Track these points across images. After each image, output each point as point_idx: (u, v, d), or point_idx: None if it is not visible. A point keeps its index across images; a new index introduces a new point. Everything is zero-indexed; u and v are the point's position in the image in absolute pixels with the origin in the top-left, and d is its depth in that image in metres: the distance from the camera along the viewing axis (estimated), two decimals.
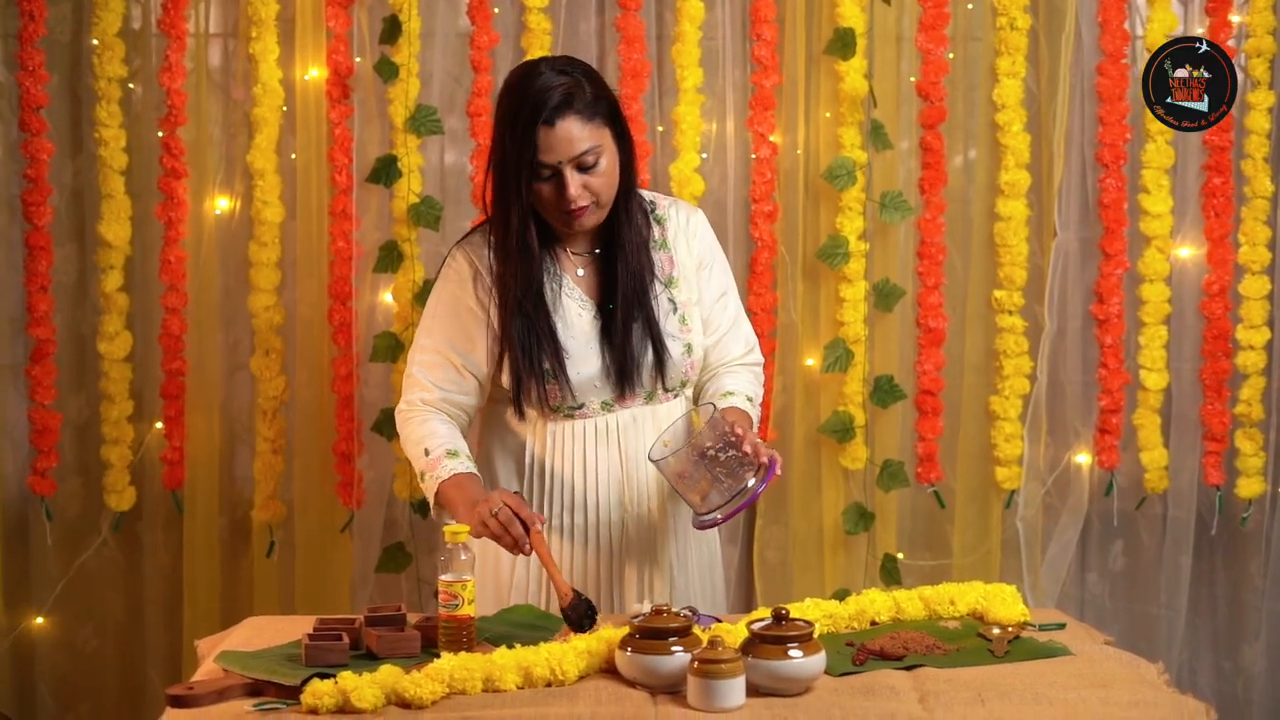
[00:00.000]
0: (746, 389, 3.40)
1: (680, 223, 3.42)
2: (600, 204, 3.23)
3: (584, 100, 3.18)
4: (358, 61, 4.35)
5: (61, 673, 4.57)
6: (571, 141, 3.16)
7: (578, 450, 3.33)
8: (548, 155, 3.15)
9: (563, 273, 3.33)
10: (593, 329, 3.30)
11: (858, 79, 4.34)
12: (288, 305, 4.43)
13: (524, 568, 3.36)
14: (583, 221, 3.23)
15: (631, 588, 3.35)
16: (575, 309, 3.31)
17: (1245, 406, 4.52)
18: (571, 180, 3.17)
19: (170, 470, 4.43)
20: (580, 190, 3.18)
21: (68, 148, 4.44)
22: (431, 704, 2.58)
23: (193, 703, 2.60)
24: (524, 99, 3.17)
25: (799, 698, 2.62)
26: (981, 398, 4.53)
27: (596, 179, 3.20)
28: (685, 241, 3.41)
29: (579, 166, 3.17)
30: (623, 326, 3.28)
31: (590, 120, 3.18)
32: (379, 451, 4.43)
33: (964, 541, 4.53)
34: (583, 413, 3.32)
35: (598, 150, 3.18)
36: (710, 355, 3.42)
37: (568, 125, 3.16)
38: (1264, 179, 4.47)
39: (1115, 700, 2.62)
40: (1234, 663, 4.69)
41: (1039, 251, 4.50)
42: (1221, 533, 4.63)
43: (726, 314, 3.44)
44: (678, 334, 3.33)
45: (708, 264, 3.43)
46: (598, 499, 3.34)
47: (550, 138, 3.15)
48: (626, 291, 3.30)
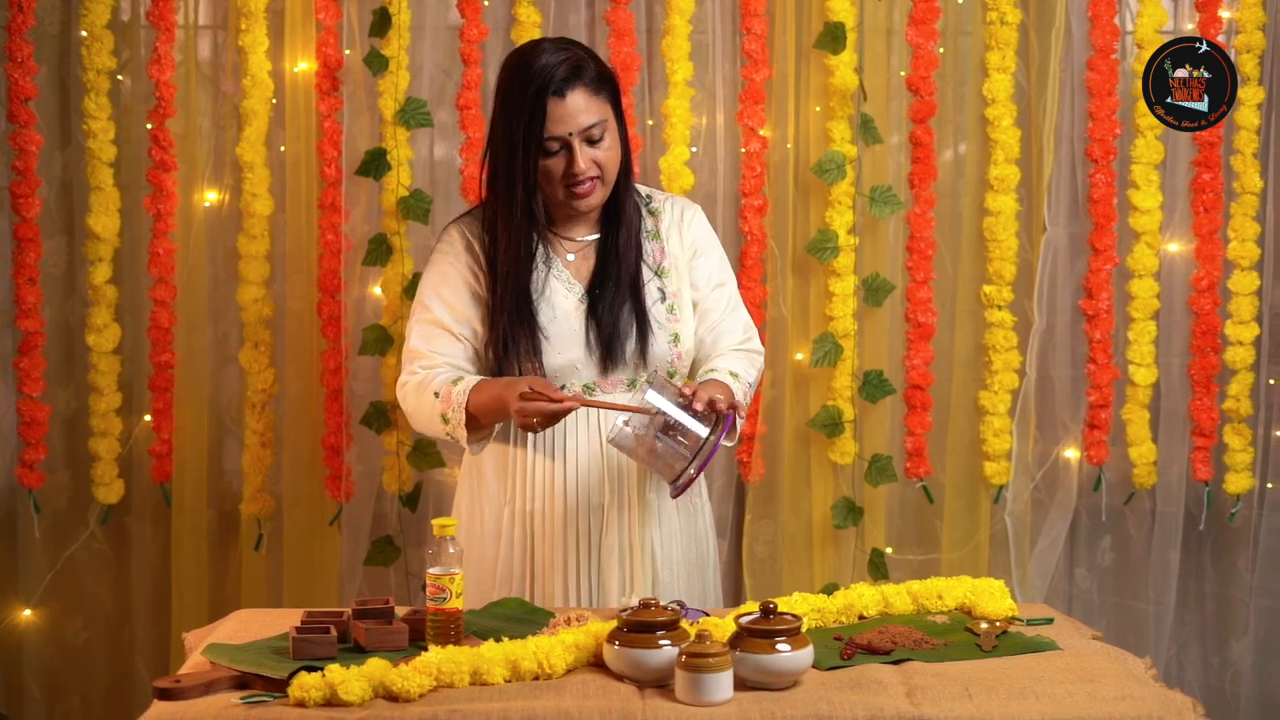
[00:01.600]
0: (732, 365, 3.38)
1: (674, 215, 3.45)
2: (605, 181, 3.27)
3: (590, 74, 3.23)
4: (347, 54, 4.35)
5: (49, 665, 4.56)
6: (581, 113, 3.20)
7: (559, 433, 3.34)
8: (558, 127, 3.19)
9: (554, 256, 3.35)
10: (577, 311, 3.31)
11: (848, 73, 4.34)
12: (277, 298, 4.43)
13: (506, 562, 3.38)
14: (588, 200, 3.27)
15: (612, 579, 3.35)
16: (562, 291, 3.33)
17: (1234, 402, 4.52)
18: (581, 152, 3.20)
19: (159, 463, 4.43)
20: (589, 163, 3.21)
21: (56, 140, 4.43)
22: (419, 697, 2.58)
23: (180, 695, 2.60)
24: (530, 74, 3.20)
25: (786, 691, 2.62)
26: (970, 393, 4.53)
27: (602, 153, 3.24)
28: (679, 233, 3.43)
29: (587, 140, 3.21)
30: (611, 303, 3.30)
31: (597, 94, 3.24)
32: (368, 445, 4.43)
33: (952, 536, 4.53)
34: None
35: (603, 125, 3.23)
36: (705, 342, 3.42)
37: (577, 97, 3.20)
38: (1253, 175, 4.48)
39: (1103, 695, 2.62)
40: (1222, 658, 4.69)
41: (1028, 246, 4.50)
42: (1210, 528, 4.64)
43: (722, 301, 3.45)
44: (664, 322, 3.34)
45: (702, 252, 3.45)
46: (577, 484, 3.34)
47: (560, 109, 3.18)
48: (618, 270, 3.32)
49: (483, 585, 3.38)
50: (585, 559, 3.35)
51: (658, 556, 3.39)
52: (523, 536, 3.38)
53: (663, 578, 3.39)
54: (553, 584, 3.35)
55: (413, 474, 4.41)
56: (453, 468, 4.43)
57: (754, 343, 3.50)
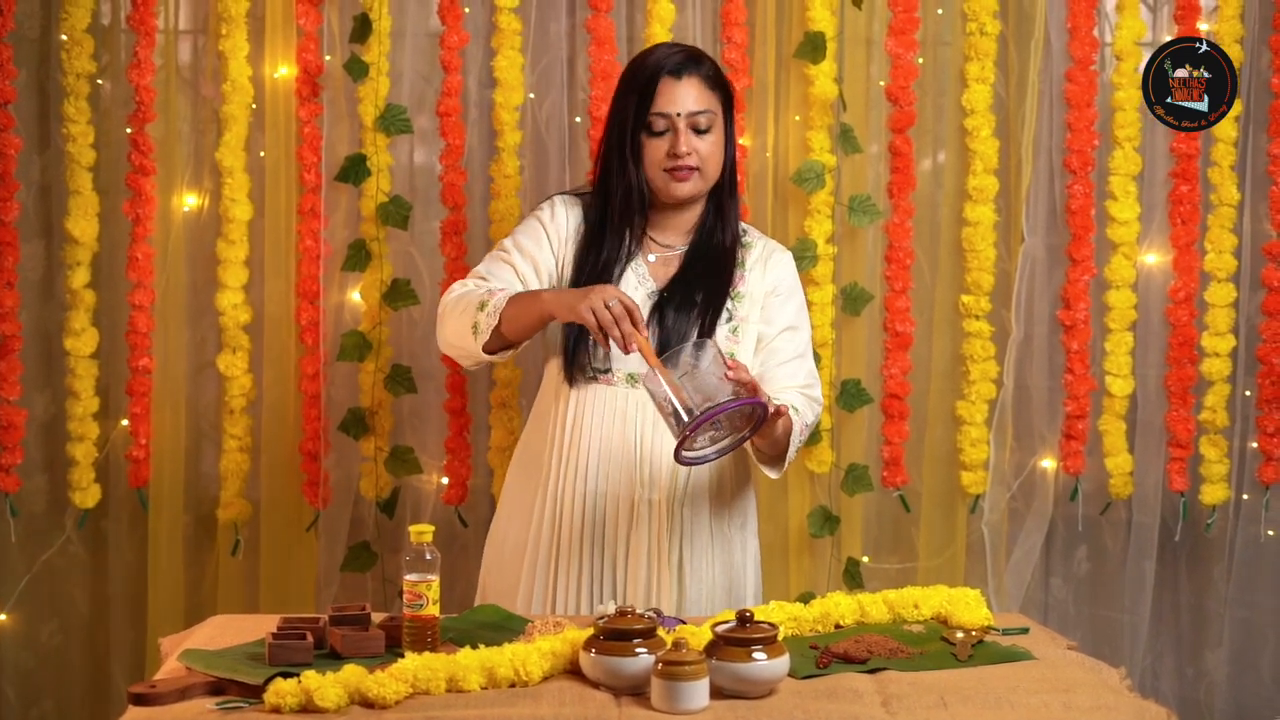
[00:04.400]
0: (795, 401, 3.37)
1: (763, 252, 3.51)
2: (704, 175, 3.36)
3: (708, 69, 3.37)
4: (327, 60, 4.35)
5: (24, 669, 4.55)
6: (692, 97, 3.33)
7: (595, 418, 3.37)
8: (667, 104, 3.30)
9: (638, 252, 3.41)
10: (644, 306, 3.33)
11: (827, 83, 4.35)
12: (255, 303, 4.42)
13: (533, 548, 3.43)
14: (685, 186, 3.34)
15: (638, 584, 3.37)
16: (633, 282, 3.38)
17: (1210, 413, 4.54)
18: (684, 134, 3.30)
19: (136, 468, 4.42)
20: (691, 148, 3.30)
21: (35, 143, 4.42)
22: (395, 704, 2.57)
23: (155, 701, 2.59)
24: (649, 60, 3.36)
25: (762, 700, 2.63)
26: (948, 402, 4.54)
27: (705, 145, 3.34)
28: (762, 268, 3.48)
29: (693, 127, 3.31)
30: (679, 306, 3.35)
31: (711, 89, 3.36)
32: (345, 451, 4.42)
33: (929, 545, 4.54)
34: (607, 378, 3.36)
35: (711, 116, 3.34)
36: (767, 378, 3.39)
37: (691, 81, 3.34)
38: (1230, 187, 4.49)
39: (1077, 705, 2.63)
40: (1196, 668, 4.71)
41: (1006, 257, 4.51)
42: (1185, 539, 4.65)
43: (792, 345, 3.47)
44: (723, 341, 3.35)
45: (783, 295, 3.49)
46: (609, 473, 3.37)
47: (673, 88, 3.31)
48: (700, 278, 3.38)
49: (505, 576, 3.46)
50: (610, 560, 3.37)
51: (686, 571, 3.40)
52: (551, 525, 3.42)
53: (690, 594, 3.40)
54: (571, 578, 3.38)
55: (390, 480, 4.41)
56: (430, 474, 4.43)
57: (815, 391, 3.47)
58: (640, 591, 3.37)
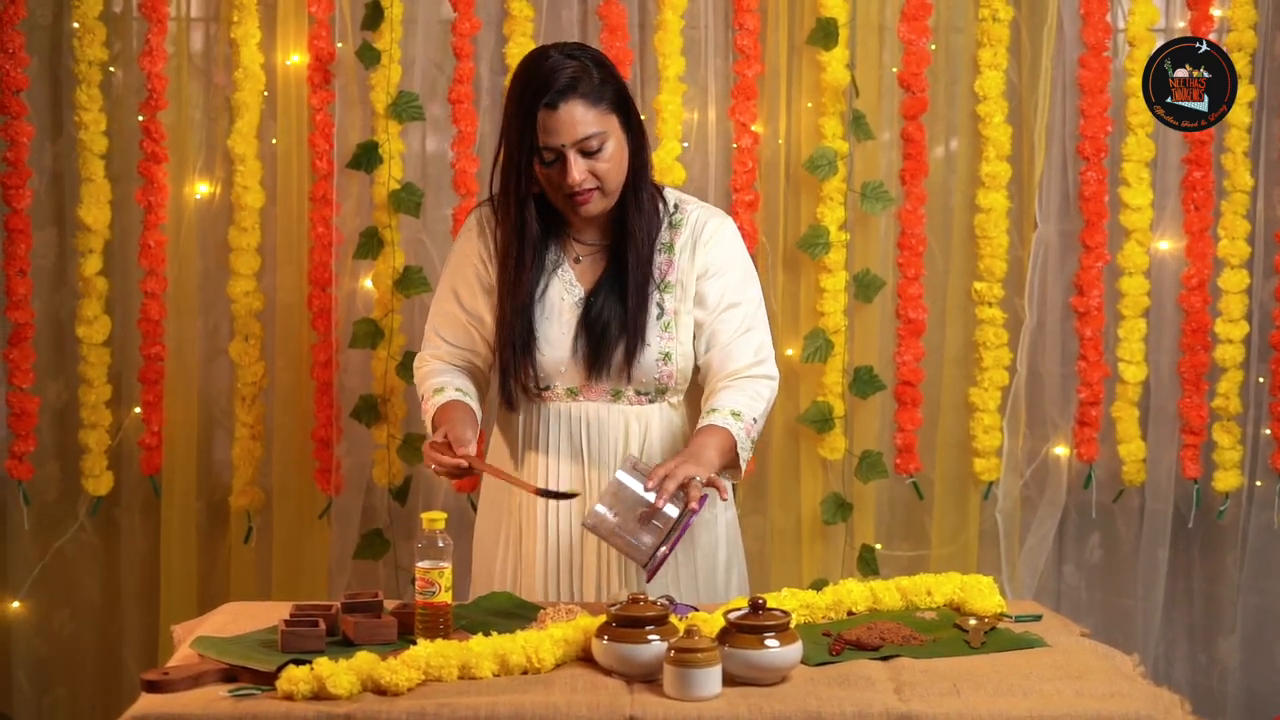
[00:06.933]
0: (734, 403, 3.26)
1: (693, 232, 3.36)
2: (606, 191, 3.23)
3: (590, 85, 3.18)
4: (339, 47, 4.34)
5: (38, 657, 4.57)
6: (574, 125, 3.16)
7: (542, 436, 3.35)
8: (550, 138, 3.16)
9: (563, 257, 3.34)
10: (571, 314, 3.30)
11: (840, 69, 4.34)
12: (267, 291, 4.42)
13: (503, 561, 3.39)
14: (588, 208, 3.24)
15: (591, 579, 3.36)
16: (560, 291, 3.32)
17: (1223, 400, 4.53)
18: (575, 164, 3.17)
19: (148, 455, 4.43)
20: (584, 175, 3.18)
21: (48, 131, 4.43)
22: (407, 691, 2.58)
23: (168, 688, 2.59)
24: (529, 82, 3.19)
25: (775, 687, 2.63)
26: (961, 389, 4.53)
27: (601, 164, 3.20)
28: (691, 251, 3.35)
29: (583, 151, 3.18)
30: (603, 311, 3.28)
31: (595, 105, 3.18)
32: (358, 438, 4.42)
33: (942, 532, 4.54)
34: (549, 395, 3.33)
35: (602, 136, 3.18)
36: (713, 365, 3.33)
37: (570, 109, 3.16)
38: (1244, 173, 4.48)
39: (1090, 692, 2.63)
40: (1209, 655, 4.70)
41: (1019, 243, 4.50)
42: (1198, 526, 4.64)
43: (733, 323, 3.34)
44: (657, 340, 3.31)
45: (715, 273, 3.35)
46: (568, 480, 3.34)
47: (553, 120, 3.15)
48: (619, 280, 3.30)
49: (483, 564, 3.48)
50: (566, 549, 3.36)
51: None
52: (515, 521, 3.42)
53: (658, 580, 3.37)
54: (534, 574, 3.38)
55: (403, 467, 4.42)
56: None
57: (765, 367, 3.36)
58: (593, 580, 3.36)
